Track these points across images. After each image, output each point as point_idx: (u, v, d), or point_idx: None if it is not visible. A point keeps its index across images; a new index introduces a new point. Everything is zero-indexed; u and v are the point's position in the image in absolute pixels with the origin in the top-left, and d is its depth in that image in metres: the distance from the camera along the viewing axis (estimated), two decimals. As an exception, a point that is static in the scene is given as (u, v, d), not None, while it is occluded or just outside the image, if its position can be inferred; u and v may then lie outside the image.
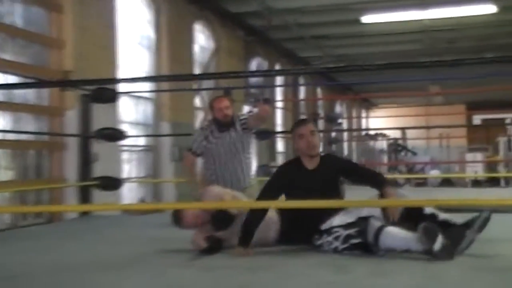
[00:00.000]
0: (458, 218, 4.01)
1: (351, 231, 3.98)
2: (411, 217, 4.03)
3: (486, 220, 3.92)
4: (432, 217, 4.05)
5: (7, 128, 7.19)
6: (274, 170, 4.89)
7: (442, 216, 4.08)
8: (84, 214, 7.34)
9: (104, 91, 7.47)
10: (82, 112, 7.56)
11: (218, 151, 5.72)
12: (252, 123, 5.76)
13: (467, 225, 3.90)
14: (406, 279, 3.30)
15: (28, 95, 7.71)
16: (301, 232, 4.28)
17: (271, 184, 4.50)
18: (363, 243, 3.91)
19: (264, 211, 4.26)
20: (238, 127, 5.76)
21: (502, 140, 18.63)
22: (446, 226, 3.94)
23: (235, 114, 5.86)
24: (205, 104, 12.98)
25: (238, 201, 4.63)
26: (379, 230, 3.85)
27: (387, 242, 3.85)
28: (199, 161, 5.97)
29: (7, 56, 7.29)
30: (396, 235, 3.86)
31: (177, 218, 4.40)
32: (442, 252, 3.67)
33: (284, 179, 4.46)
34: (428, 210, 4.10)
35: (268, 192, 4.41)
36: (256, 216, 4.23)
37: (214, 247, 4.22)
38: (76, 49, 8.12)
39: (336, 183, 4.43)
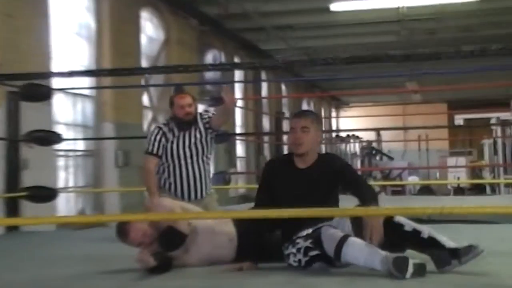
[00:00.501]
0: (443, 234, 3.98)
1: (309, 242, 3.96)
2: (389, 233, 3.98)
3: (477, 255, 3.89)
4: (415, 234, 3.99)
5: None
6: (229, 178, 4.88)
7: (427, 232, 4.01)
8: (12, 229, 7.21)
9: (36, 88, 7.27)
10: (9, 111, 7.46)
11: (178, 152, 5.71)
12: (217, 121, 5.77)
13: (456, 253, 3.83)
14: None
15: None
16: (268, 245, 4.26)
17: (260, 184, 4.49)
18: (322, 255, 3.89)
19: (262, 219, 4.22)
20: (201, 126, 5.77)
21: (487, 143, 18.74)
22: (431, 245, 3.91)
23: (197, 111, 5.84)
24: (153, 103, 12.91)
25: (190, 213, 4.56)
26: (342, 241, 3.82)
27: (349, 255, 3.82)
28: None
29: None
30: (361, 249, 3.83)
31: (122, 232, 4.30)
32: (412, 277, 3.69)
33: (269, 177, 4.39)
34: (408, 226, 4.03)
35: (258, 194, 4.41)
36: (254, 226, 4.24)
37: (163, 265, 4.15)
38: (1, 38, 8.02)
39: (330, 187, 4.31)
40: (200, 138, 5.76)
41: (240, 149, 17.57)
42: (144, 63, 12.29)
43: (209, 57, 15.35)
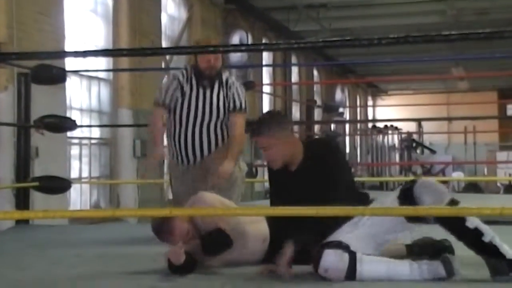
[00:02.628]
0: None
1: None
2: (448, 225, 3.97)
3: None
4: (476, 234, 3.91)
5: None
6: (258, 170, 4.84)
7: (489, 237, 3.90)
8: (22, 222, 7.27)
9: (48, 69, 7.35)
10: (19, 95, 7.48)
11: (195, 106, 5.43)
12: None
13: None
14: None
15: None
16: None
17: (269, 189, 4.59)
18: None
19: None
20: (225, 89, 5.47)
21: None
22: (490, 251, 3.87)
23: (225, 71, 5.61)
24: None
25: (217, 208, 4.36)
26: (352, 262, 3.78)
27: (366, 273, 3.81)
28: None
29: None
30: (377, 261, 3.86)
31: (166, 230, 4.27)
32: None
33: (271, 180, 4.49)
34: (470, 222, 3.95)
35: (271, 199, 4.53)
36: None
37: (189, 266, 4.14)
38: (9, 15, 8.03)
39: (327, 185, 4.18)
40: (218, 99, 5.43)
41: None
42: (165, 44, 12.33)
43: (235, 38, 15.35)
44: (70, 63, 8.63)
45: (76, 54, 7.96)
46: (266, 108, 17.40)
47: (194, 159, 5.48)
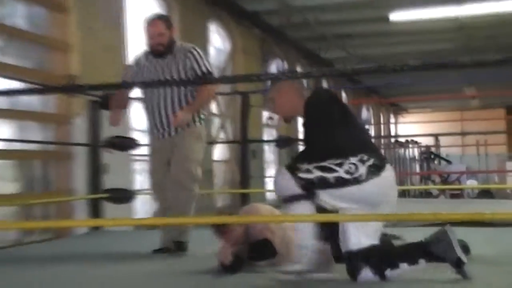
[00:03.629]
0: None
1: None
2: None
3: None
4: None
5: (11, 137, 7.32)
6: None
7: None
8: (95, 229, 7.41)
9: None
10: (90, 119, 7.60)
11: (149, 75, 5.17)
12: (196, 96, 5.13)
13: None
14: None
15: (32, 102, 7.84)
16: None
17: None
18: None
19: None
20: (181, 60, 5.09)
21: None
22: None
23: (182, 45, 5.25)
24: (221, 110, 13.06)
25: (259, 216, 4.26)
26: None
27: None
28: None
29: (9, 60, 7.42)
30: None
31: (218, 229, 4.32)
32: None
33: None
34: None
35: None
36: None
37: (237, 265, 4.18)
38: (82, 51, 8.23)
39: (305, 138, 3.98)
40: (177, 67, 5.08)
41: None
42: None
43: (273, 66, 15.46)
44: (133, 91, 8.75)
45: (136, 85, 8.09)
46: (300, 125, 17.44)
47: (162, 129, 5.16)
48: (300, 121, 3.99)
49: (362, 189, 3.58)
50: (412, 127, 26.76)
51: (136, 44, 9.91)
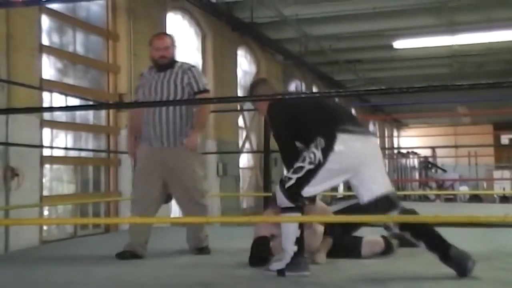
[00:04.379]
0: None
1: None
2: None
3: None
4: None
5: (70, 146, 7.38)
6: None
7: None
8: (138, 225, 7.40)
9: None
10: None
11: (154, 92, 4.72)
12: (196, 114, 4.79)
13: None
14: None
15: (88, 115, 7.91)
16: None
17: None
18: None
19: None
20: (180, 76, 4.74)
21: None
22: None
23: (183, 63, 4.91)
24: (246, 124, 13.06)
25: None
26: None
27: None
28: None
29: (69, 81, 7.49)
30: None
31: (256, 228, 4.34)
32: None
33: None
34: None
35: None
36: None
37: (262, 259, 4.16)
38: (129, 73, 8.28)
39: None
40: (174, 81, 4.71)
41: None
42: (240, 92, 12.48)
43: (292, 87, 15.43)
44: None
45: (177, 102, 8.11)
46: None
47: (161, 138, 4.66)
48: None
49: (328, 168, 3.57)
50: (412, 140, 26.61)
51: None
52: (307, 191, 3.63)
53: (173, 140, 4.65)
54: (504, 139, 24.65)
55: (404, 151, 22.34)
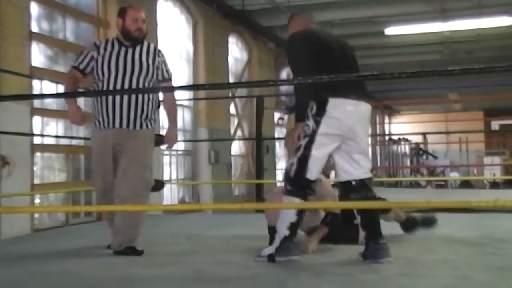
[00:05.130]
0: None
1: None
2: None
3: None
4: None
5: (61, 134, 7.33)
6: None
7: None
8: (130, 213, 7.38)
9: (148, 100, 7.50)
10: (127, 118, 7.59)
11: (115, 64, 4.12)
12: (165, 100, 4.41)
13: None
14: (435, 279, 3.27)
15: (78, 103, 7.81)
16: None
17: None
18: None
19: None
20: (152, 53, 4.27)
21: None
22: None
23: (151, 44, 4.36)
24: (238, 111, 13.02)
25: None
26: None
27: None
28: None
29: (60, 68, 7.43)
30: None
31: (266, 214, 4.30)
32: None
33: None
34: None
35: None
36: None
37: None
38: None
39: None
40: (146, 60, 4.20)
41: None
42: (231, 79, 12.44)
43: (284, 74, 15.39)
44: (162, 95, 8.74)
45: (166, 89, 8.05)
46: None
47: (127, 119, 4.13)
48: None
49: (322, 132, 3.56)
50: (404, 126, 26.62)
51: (167, 55, 9.91)
52: (311, 169, 3.60)
53: (139, 123, 4.16)
54: (495, 125, 24.70)
55: (395, 137, 22.36)
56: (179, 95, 9.98)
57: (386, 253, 3.59)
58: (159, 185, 4.97)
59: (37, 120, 6.85)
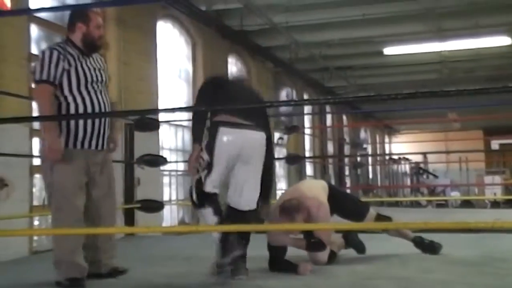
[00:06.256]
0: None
1: None
2: None
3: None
4: None
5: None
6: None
7: None
8: (129, 235, 7.37)
9: (146, 120, 7.50)
10: (126, 139, 7.63)
11: (91, 76, 3.87)
12: None
13: None
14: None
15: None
16: None
17: None
18: None
19: None
20: (100, 60, 4.06)
21: None
22: None
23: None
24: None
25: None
26: None
27: None
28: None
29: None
30: None
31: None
32: None
33: None
34: None
35: None
36: None
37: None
38: (120, 82, 8.25)
39: None
40: (100, 68, 3.98)
41: (309, 169, 17.55)
42: (231, 100, 12.43)
43: (283, 94, 15.43)
44: (162, 116, 8.76)
45: (166, 110, 8.13)
46: (308, 145, 17.41)
47: (103, 138, 3.94)
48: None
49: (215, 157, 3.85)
50: (404, 146, 26.64)
51: (166, 75, 9.96)
52: (208, 185, 3.86)
53: (105, 142, 3.99)
54: (494, 144, 24.71)
55: (395, 157, 22.35)
56: (178, 115, 10.02)
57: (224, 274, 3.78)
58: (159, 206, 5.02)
59: (36, 142, 6.85)
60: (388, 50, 13.73)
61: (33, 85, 3.86)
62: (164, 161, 7.81)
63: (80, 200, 3.89)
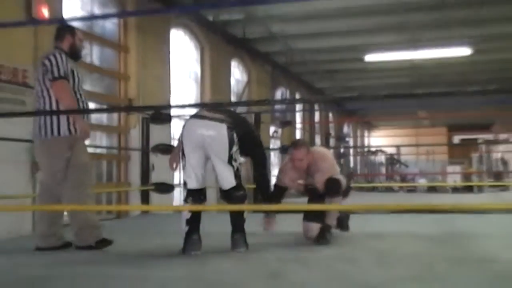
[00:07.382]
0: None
1: None
2: None
3: None
4: None
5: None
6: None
7: None
8: (145, 212, 7.38)
9: (160, 115, 7.49)
10: (142, 131, 7.61)
11: (78, 77, 4.03)
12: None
13: None
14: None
15: (102, 117, 7.85)
16: None
17: None
18: None
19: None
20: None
21: (475, 156, 19.17)
22: None
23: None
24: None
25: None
26: None
27: None
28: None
29: (86, 87, 7.41)
30: None
31: None
32: None
33: None
34: None
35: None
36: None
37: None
38: (138, 81, 8.25)
39: None
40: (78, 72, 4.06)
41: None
42: (233, 98, 12.44)
43: (278, 93, 15.41)
44: (174, 111, 8.75)
45: (178, 106, 8.10)
46: (298, 137, 17.38)
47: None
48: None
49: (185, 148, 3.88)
50: (380, 139, 26.64)
51: (178, 75, 9.94)
52: (187, 178, 3.91)
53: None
54: (456, 139, 24.89)
55: (373, 149, 22.36)
56: (187, 110, 9.99)
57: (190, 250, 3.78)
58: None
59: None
60: (369, 57, 13.72)
61: (48, 82, 3.92)
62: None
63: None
